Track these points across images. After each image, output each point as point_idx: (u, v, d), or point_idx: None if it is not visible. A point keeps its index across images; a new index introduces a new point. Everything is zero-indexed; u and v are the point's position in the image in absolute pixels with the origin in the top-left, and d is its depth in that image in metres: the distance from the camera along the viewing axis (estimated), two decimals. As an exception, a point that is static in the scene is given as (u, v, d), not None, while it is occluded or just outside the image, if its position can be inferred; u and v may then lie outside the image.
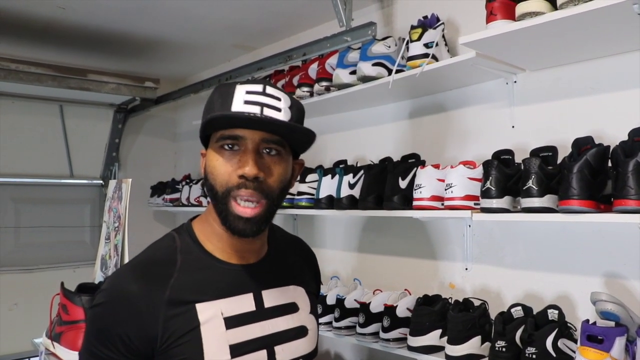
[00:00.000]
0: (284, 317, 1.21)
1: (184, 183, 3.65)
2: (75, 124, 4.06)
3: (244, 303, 1.15)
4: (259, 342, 1.13)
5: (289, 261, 1.32)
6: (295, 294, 1.27)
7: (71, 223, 4.18)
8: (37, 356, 4.16)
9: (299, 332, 1.23)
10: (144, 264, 1.12)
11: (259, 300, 1.17)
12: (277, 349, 1.16)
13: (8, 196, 3.89)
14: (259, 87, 1.10)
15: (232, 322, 1.10)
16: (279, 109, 1.10)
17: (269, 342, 1.15)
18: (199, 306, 1.08)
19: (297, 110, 1.16)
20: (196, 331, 1.06)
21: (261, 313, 1.16)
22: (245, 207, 1.08)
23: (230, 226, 1.10)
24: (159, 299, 1.05)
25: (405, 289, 2.20)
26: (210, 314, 1.08)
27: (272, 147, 1.11)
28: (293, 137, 1.14)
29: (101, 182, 4.25)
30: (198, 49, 3.44)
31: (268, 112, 1.08)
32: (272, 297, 1.20)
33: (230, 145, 1.09)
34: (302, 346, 1.22)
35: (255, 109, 1.07)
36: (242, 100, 1.08)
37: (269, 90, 1.11)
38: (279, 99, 1.11)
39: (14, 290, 3.80)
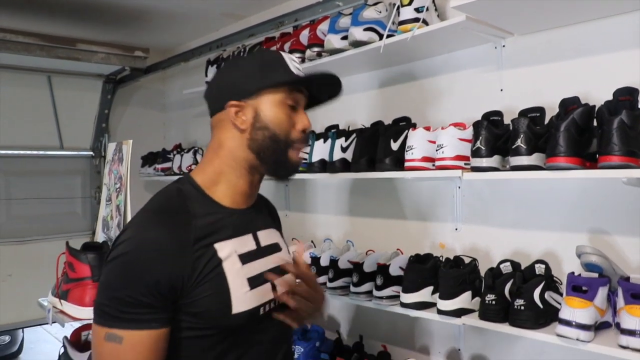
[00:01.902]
0: (275, 255, 1.37)
1: (175, 152, 3.68)
2: (64, 95, 4.04)
3: (248, 242, 1.30)
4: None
5: (263, 209, 1.49)
6: (276, 235, 1.45)
7: (62, 194, 4.20)
8: (32, 326, 4.24)
9: (278, 270, 1.35)
10: (163, 212, 1.21)
11: (257, 240, 1.33)
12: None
13: (-1, 169, 3.90)
14: (291, 55, 1.37)
15: (244, 258, 1.25)
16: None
17: None
18: (217, 245, 1.21)
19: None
20: (219, 267, 1.19)
21: (260, 251, 1.32)
22: (302, 156, 1.34)
23: (283, 170, 1.32)
24: (187, 240, 1.16)
25: (398, 249, 2.26)
26: (228, 252, 1.22)
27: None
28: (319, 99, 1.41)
29: (91, 153, 4.26)
30: (187, 19, 3.43)
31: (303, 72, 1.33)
32: (264, 237, 1.36)
33: (292, 106, 1.29)
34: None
35: (302, 73, 1.31)
36: (294, 64, 1.30)
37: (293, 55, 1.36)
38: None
39: (7, 261, 3.83)
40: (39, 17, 3.29)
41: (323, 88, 1.38)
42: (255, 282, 1.24)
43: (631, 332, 1.47)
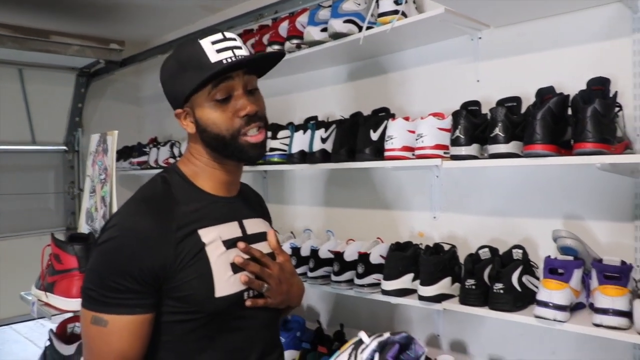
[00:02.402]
0: (261, 244, 1.38)
1: (151, 146, 3.66)
2: (36, 88, 3.99)
3: (233, 229, 1.32)
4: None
5: (251, 199, 1.51)
6: (264, 225, 1.46)
7: (35, 190, 4.15)
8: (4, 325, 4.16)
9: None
10: (148, 200, 1.26)
11: (242, 228, 1.35)
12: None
13: (-31, 164, 3.83)
14: (219, 35, 1.25)
15: (228, 244, 1.28)
16: (240, 47, 1.26)
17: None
18: (201, 231, 1.24)
19: (243, 41, 1.34)
20: (203, 252, 1.22)
21: (246, 238, 1.33)
22: (255, 136, 1.28)
23: (246, 156, 1.29)
24: (169, 228, 1.20)
25: (378, 238, 2.30)
26: (212, 237, 1.25)
27: (254, 83, 1.30)
28: (263, 67, 1.33)
29: (65, 147, 4.21)
30: (164, 11, 3.40)
31: (238, 52, 1.24)
32: (250, 225, 1.38)
33: (223, 98, 1.24)
34: None
35: (229, 53, 1.23)
36: (214, 50, 1.22)
37: (227, 34, 1.27)
38: (235, 39, 1.27)
39: (-22, 259, 3.77)
40: (11, 8, 3.22)
41: (260, 61, 1.32)
42: (238, 267, 1.27)
43: (605, 311, 1.53)
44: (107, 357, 1.16)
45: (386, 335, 1.11)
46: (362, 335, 1.14)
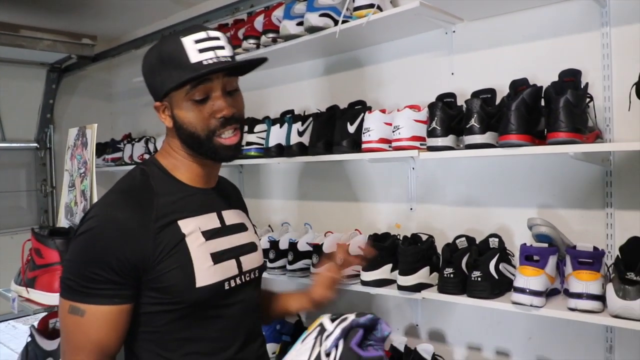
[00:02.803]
0: (240, 234, 1.41)
1: (125, 142, 3.63)
2: (5, 84, 3.91)
3: (212, 220, 1.34)
4: (230, 253, 1.34)
5: (229, 191, 1.53)
6: (242, 216, 1.49)
7: (6, 188, 4.07)
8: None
9: (252, 247, 1.43)
10: (127, 191, 1.27)
11: (221, 219, 1.37)
12: (242, 259, 1.37)
13: (-64, 162, 3.75)
14: (202, 34, 1.24)
15: (208, 235, 1.30)
16: (223, 47, 1.26)
17: (236, 253, 1.36)
18: (181, 222, 1.26)
19: (228, 40, 1.31)
20: (183, 243, 1.24)
21: (225, 229, 1.36)
22: (229, 138, 1.28)
23: (219, 157, 1.31)
24: (148, 219, 1.21)
25: (356, 229, 2.32)
26: (191, 228, 1.27)
27: (234, 84, 1.30)
28: (243, 68, 1.31)
29: (36, 144, 4.14)
30: (135, 5, 3.35)
31: (220, 52, 1.24)
32: (229, 217, 1.40)
33: (201, 99, 1.24)
34: (256, 258, 1.44)
35: (211, 54, 1.22)
36: (196, 49, 1.22)
37: (211, 33, 1.26)
38: (219, 38, 1.26)
39: (-52, 258, 3.69)
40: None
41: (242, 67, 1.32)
42: (219, 257, 1.29)
43: (579, 295, 1.58)
44: (84, 347, 1.17)
45: (350, 318, 1.07)
46: (325, 321, 1.09)
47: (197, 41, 1.22)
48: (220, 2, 2.87)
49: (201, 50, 1.22)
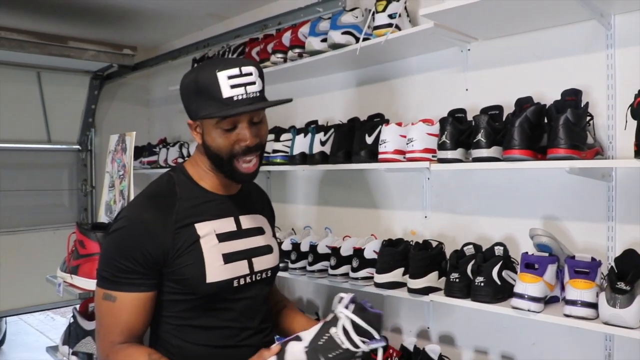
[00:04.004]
0: (256, 237, 1.56)
1: (160, 146, 3.83)
2: (53, 90, 4.18)
3: (228, 224, 1.50)
4: (242, 254, 1.49)
5: (253, 198, 1.67)
6: (261, 221, 1.63)
7: (50, 187, 4.33)
8: (23, 313, 4.32)
9: (267, 250, 1.58)
10: (153, 196, 1.47)
11: (238, 223, 1.53)
12: (254, 260, 1.52)
13: (-11, 162, 4.01)
14: (235, 70, 1.36)
15: (222, 237, 1.46)
16: (254, 82, 1.38)
17: (249, 255, 1.51)
18: (197, 225, 1.43)
19: (261, 72, 1.43)
20: (197, 243, 1.41)
21: (240, 232, 1.52)
22: (248, 166, 1.44)
23: (236, 179, 1.48)
24: (169, 221, 1.40)
25: (372, 234, 2.45)
26: (207, 231, 1.44)
27: (260, 116, 1.45)
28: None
29: (78, 147, 4.39)
30: (173, 18, 3.57)
31: (250, 88, 1.37)
32: (246, 221, 1.55)
33: (229, 129, 1.39)
34: (270, 260, 1.58)
35: (241, 91, 1.36)
36: (228, 85, 1.35)
37: (244, 69, 1.38)
38: (251, 74, 1.38)
39: (-3, 251, 3.96)
40: (32, 15, 3.40)
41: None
42: (230, 257, 1.45)
43: (574, 302, 1.67)
44: (115, 329, 1.36)
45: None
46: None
47: (230, 77, 1.35)
48: (251, 19, 3.04)
49: (233, 86, 1.35)
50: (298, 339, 1.35)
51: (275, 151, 2.67)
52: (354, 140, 2.31)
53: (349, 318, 1.33)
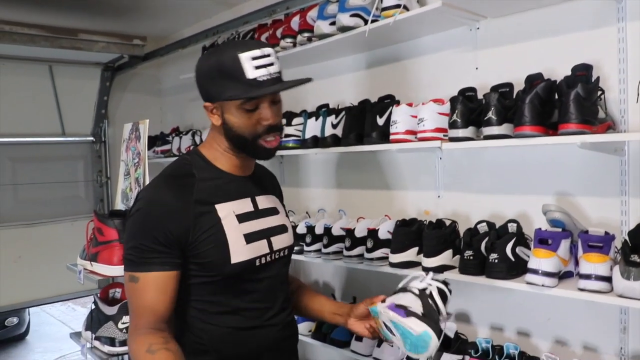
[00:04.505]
0: (272, 217, 1.60)
1: (173, 135, 3.86)
2: (65, 84, 4.22)
3: (246, 205, 1.54)
4: (261, 234, 1.53)
5: (265, 178, 1.71)
6: (275, 201, 1.67)
7: (66, 179, 4.40)
8: (43, 304, 4.43)
9: (283, 229, 1.62)
10: (172, 177, 1.48)
11: (255, 203, 1.56)
12: (273, 239, 1.56)
13: (5, 155, 4.09)
14: (257, 51, 1.39)
15: (241, 218, 1.50)
16: (273, 63, 1.42)
17: (267, 234, 1.55)
18: (217, 206, 1.46)
19: (277, 54, 1.47)
20: (219, 224, 1.44)
21: (258, 212, 1.56)
22: (271, 142, 1.48)
23: (259, 156, 1.54)
24: (189, 201, 1.42)
25: (386, 215, 2.47)
26: (227, 212, 1.47)
27: (278, 96, 1.49)
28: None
29: (92, 138, 4.44)
30: (181, 6, 3.57)
31: (272, 69, 1.41)
32: (262, 201, 1.59)
33: (252, 109, 1.42)
34: (286, 239, 1.63)
35: (264, 72, 1.39)
36: (252, 66, 1.38)
37: (264, 50, 1.41)
38: (269, 55, 1.42)
39: (16, 243, 4.04)
40: (42, 9, 3.42)
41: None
42: (251, 237, 1.49)
43: (588, 276, 1.69)
44: (140, 310, 1.38)
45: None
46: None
47: (254, 58, 1.38)
48: (259, 4, 3.04)
49: (256, 67, 1.38)
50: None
51: (287, 135, 2.68)
52: (365, 122, 2.32)
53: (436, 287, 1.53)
